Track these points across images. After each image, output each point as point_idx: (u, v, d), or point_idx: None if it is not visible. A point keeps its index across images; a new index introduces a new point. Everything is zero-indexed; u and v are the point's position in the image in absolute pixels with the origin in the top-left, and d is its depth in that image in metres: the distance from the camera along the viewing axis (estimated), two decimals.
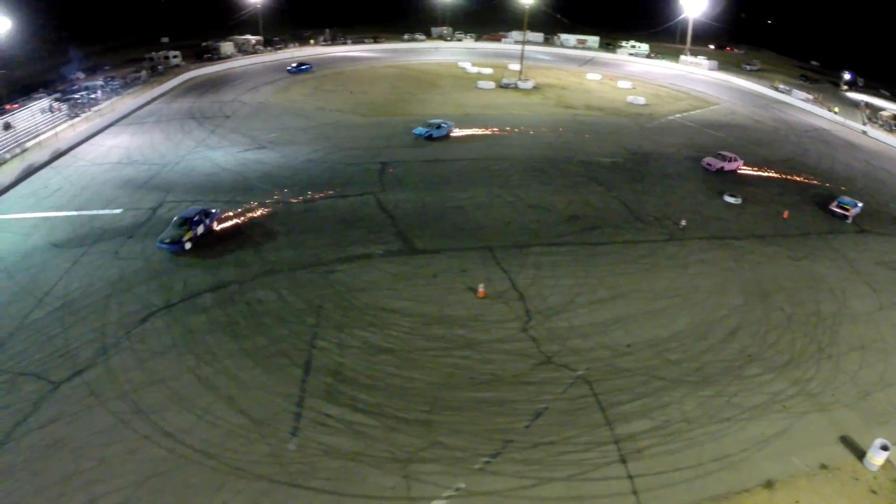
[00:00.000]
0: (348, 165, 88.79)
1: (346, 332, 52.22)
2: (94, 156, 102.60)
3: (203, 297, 58.39)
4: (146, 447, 42.00)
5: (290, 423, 43.24)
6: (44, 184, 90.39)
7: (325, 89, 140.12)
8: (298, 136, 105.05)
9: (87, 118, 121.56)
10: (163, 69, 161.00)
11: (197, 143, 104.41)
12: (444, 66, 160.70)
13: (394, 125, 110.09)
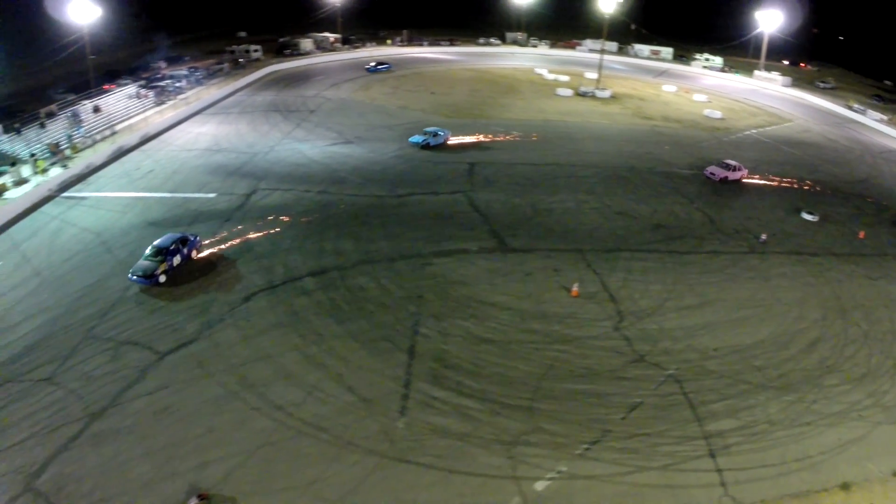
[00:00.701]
0: (436, 164, 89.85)
1: (447, 321, 53.17)
2: (183, 142, 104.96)
3: (304, 280, 59.88)
4: (256, 418, 43.35)
5: (398, 403, 44.40)
6: (135, 166, 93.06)
7: (406, 89, 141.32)
8: (384, 133, 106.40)
9: (173, 105, 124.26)
10: (244, 62, 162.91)
11: (284, 135, 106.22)
12: (521, 71, 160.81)
13: (477, 127, 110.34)
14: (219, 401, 45.20)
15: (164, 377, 47.78)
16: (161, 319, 54.78)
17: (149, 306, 56.59)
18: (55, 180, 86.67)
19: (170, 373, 48.23)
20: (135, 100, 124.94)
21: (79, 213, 77.09)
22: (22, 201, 79.90)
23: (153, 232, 68.74)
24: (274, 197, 79.78)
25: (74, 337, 52.62)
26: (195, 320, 54.16)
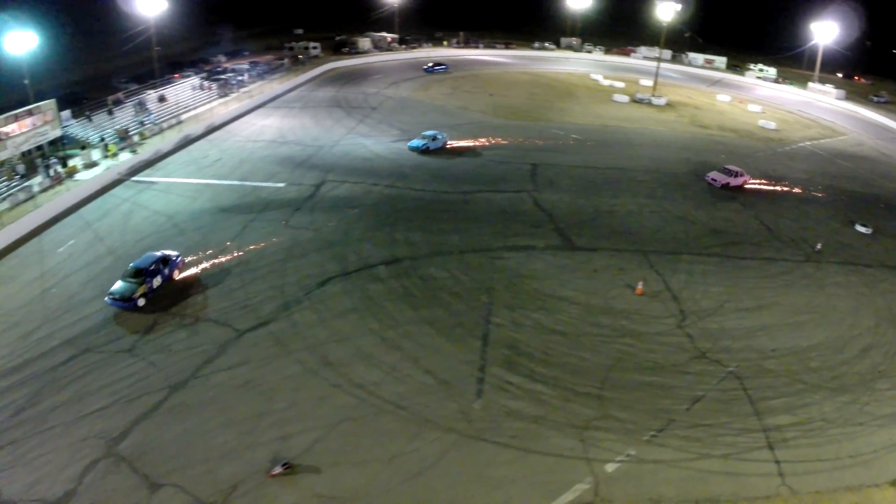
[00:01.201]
0: (499, 164, 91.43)
1: (518, 312, 54.82)
2: (248, 133, 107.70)
3: (378, 268, 61.91)
4: (336, 395, 45.32)
5: (474, 386, 46.07)
6: (202, 154, 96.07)
7: (464, 90, 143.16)
8: (446, 132, 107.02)
9: (236, 98, 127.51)
10: (304, 59, 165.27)
11: (348, 131, 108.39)
12: (576, 76, 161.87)
13: (537, 130, 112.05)
14: (299, 377, 47.12)
15: (244, 353, 49.89)
16: (238, 299, 57.04)
17: (227, 286, 59.09)
18: (125, 164, 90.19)
19: (249, 350, 50.31)
20: (198, 91, 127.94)
21: (149, 197, 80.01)
22: (92, 183, 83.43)
23: (225, 217, 72.29)
24: (343, 188, 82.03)
25: (152, 312, 54.81)
26: (272, 302, 56.26)
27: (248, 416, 43.45)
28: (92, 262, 64.05)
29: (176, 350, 50.45)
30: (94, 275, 61.16)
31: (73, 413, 44.11)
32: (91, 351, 50.58)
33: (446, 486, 37.56)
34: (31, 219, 73.07)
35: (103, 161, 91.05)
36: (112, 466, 39.65)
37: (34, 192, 78.70)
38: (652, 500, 37.40)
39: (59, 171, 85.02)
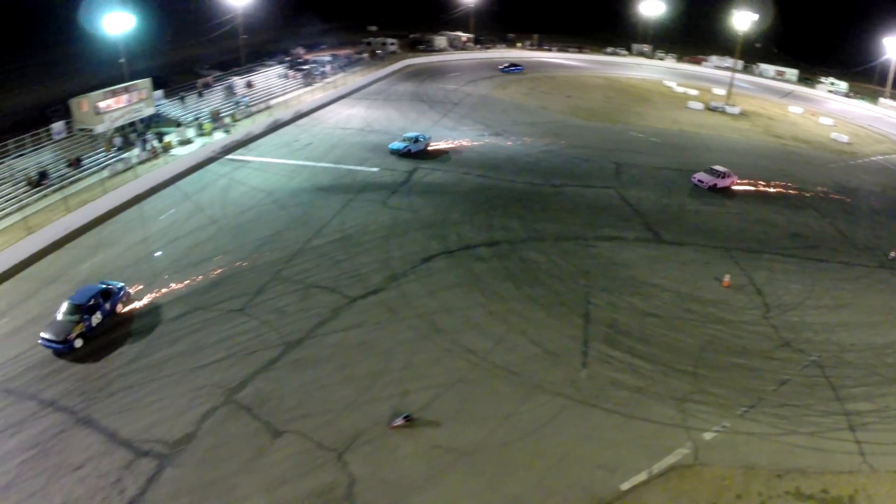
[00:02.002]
0: (584, 161, 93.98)
1: (614, 295, 57.33)
2: (335, 121, 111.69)
3: (478, 249, 64.95)
4: (450, 358, 48.23)
5: (579, 358, 48.71)
6: (293, 138, 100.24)
7: (541, 90, 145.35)
8: (529, 129, 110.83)
9: (320, 88, 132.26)
10: (382, 54, 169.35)
11: (433, 123, 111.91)
12: (650, 82, 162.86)
13: (617, 132, 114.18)
14: (412, 342, 50.16)
15: (357, 318, 53.11)
16: (346, 269, 60.68)
17: (333, 258, 62.74)
18: (218, 143, 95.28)
19: (362, 315, 53.54)
20: (283, 79, 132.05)
21: (246, 174, 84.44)
22: (188, 159, 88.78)
23: (323, 196, 76.71)
24: (435, 176, 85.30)
25: (262, 277, 58.85)
26: (379, 274, 59.68)
27: (365, 374, 46.43)
28: (195, 230, 68.34)
29: (289, 312, 53.75)
30: (199, 241, 65.63)
31: (188, 364, 47.64)
32: (202, 309, 54.26)
33: (558, 444, 40.11)
34: (131, 188, 78.39)
35: (198, 139, 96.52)
36: (231, 413, 42.85)
37: (132, 164, 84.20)
38: (746, 466, 39.69)
39: (155, 145, 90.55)
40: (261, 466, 38.36)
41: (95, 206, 73.15)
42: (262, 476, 37.65)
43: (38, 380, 45.77)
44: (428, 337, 50.46)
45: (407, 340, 50.01)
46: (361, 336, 50.71)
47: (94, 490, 36.19)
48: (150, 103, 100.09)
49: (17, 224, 67.25)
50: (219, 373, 46.50)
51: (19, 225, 66.86)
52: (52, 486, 36.53)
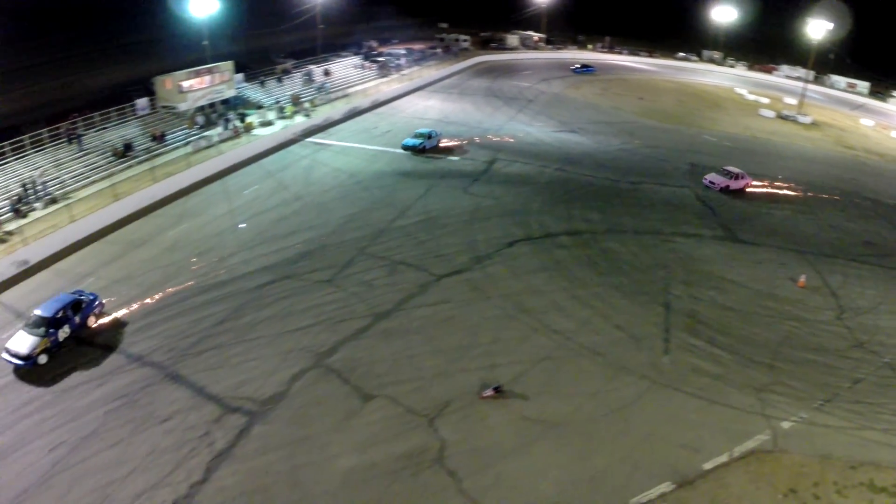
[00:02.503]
0: (659, 161, 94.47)
1: (693, 288, 58.15)
2: (412, 111, 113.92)
3: (560, 237, 66.18)
4: (536, 337, 49.48)
5: (661, 344, 49.69)
6: (372, 125, 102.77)
7: (613, 92, 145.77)
8: (604, 128, 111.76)
9: (397, 79, 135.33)
10: (454, 50, 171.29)
11: (509, 118, 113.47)
12: (721, 89, 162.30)
13: (690, 135, 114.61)
14: (499, 319, 51.52)
15: (444, 295, 54.72)
16: (431, 248, 62.55)
17: (418, 238, 64.78)
18: (299, 126, 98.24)
19: (448, 292, 55.12)
20: (359, 70, 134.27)
21: (327, 156, 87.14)
22: (270, 139, 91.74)
23: (406, 180, 79.03)
24: (515, 167, 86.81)
25: (348, 252, 60.80)
26: (464, 255, 61.34)
27: (454, 347, 47.87)
28: (279, 205, 70.75)
29: (376, 286, 55.57)
30: (283, 216, 68.08)
31: (277, 328, 49.35)
32: (290, 278, 56.30)
33: (643, 422, 41.24)
34: (215, 163, 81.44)
35: (278, 121, 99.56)
36: (321, 376, 44.44)
37: (214, 142, 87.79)
38: (822, 456, 40.36)
39: (237, 125, 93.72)
40: (352, 427, 39.72)
41: (180, 178, 76.30)
42: (354, 436, 38.98)
43: (124, 336, 47.47)
44: (514, 316, 51.65)
45: (494, 318, 51.27)
46: (448, 311, 52.14)
47: (181, 442, 37.34)
48: (232, 85, 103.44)
49: (105, 191, 70.24)
50: (308, 338, 48.06)
51: (107, 192, 69.76)
52: (137, 437, 37.74)
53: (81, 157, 78.54)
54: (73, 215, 64.55)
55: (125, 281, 55.55)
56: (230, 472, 35.92)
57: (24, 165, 73.24)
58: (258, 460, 37.02)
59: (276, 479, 35.78)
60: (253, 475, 36.00)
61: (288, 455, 37.53)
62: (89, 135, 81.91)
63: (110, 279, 55.32)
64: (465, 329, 49.92)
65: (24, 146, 75.36)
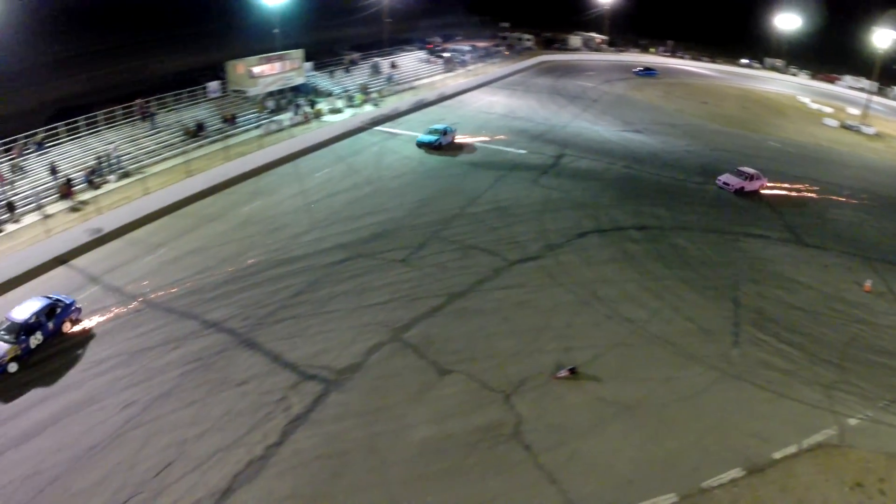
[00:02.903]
0: (725, 164, 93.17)
1: (761, 286, 58.54)
2: (478, 105, 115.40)
3: (629, 231, 66.87)
4: (609, 324, 50.46)
5: (730, 337, 50.27)
6: (439, 117, 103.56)
7: (677, 95, 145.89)
8: (669, 130, 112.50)
9: (462, 74, 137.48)
10: (518, 49, 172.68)
11: (574, 116, 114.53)
12: (783, 96, 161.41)
13: (755, 140, 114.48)
14: (573, 305, 52.58)
15: (517, 279, 55.86)
16: (503, 235, 63.72)
17: (490, 225, 66.34)
18: (367, 115, 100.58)
19: (522, 277, 56.27)
20: (425, 64, 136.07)
21: (396, 144, 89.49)
22: (339, 126, 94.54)
23: (475, 170, 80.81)
24: (582, 163, 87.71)
25: (421, 235, 62.33)
26: (536, 243, 62.55)
27: (528, 329, 48.91)
28: (351, 188, 72.82)
29: (450, 267, 56.99)
30: (356, 198, 70.21)
31: (353, 303, 50.81)
32: (364, 257, 58.06)
33: (714, 410, 42.02)
34: (286, 146, 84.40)
35: (347, 109, 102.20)
36: (398, 350, 45.71)
37: (284, 126, 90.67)
38: (888, 454, 40.66)
39: (307, 111, 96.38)
40: (428, 400, 40.89)
41: (252, 158, 78.92)
42: (430, 408, 40.13)
43: (199, 303, 49.08)
44: (588, 303, 52.75)
45: (567, 304, 52.35)
46: (523, 295, 53.20)
47: (257, 405, 38.49)
48: (301, 73, 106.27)
49: (179, 167, 73.32)
50: (384, 313, 49.17)
51: (180, 168, 72.86)
52: (212, 398, 39.02)
53: (153, 134, 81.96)
54: (146, 188, 67.29)
55: (199, 252, 57.49)
56: (306, 436, 36.99)
57: (97, 140, 76.49)
58: (334, 426, 38.14)
59: (352, 446, 36.89)
60: (329, 440, 37.16)
61: (364, 423, 38.68)
62: (161, 114, 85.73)
63: (183, 250, 57.43)
64: (539, 312, 50.91)
65: (98, 122, 78.73)
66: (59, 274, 53.31)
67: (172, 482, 32.80)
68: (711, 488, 35.89)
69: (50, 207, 62.56)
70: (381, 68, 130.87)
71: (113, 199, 64.97)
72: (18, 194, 63.15)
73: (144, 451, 34.79)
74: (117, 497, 31.86)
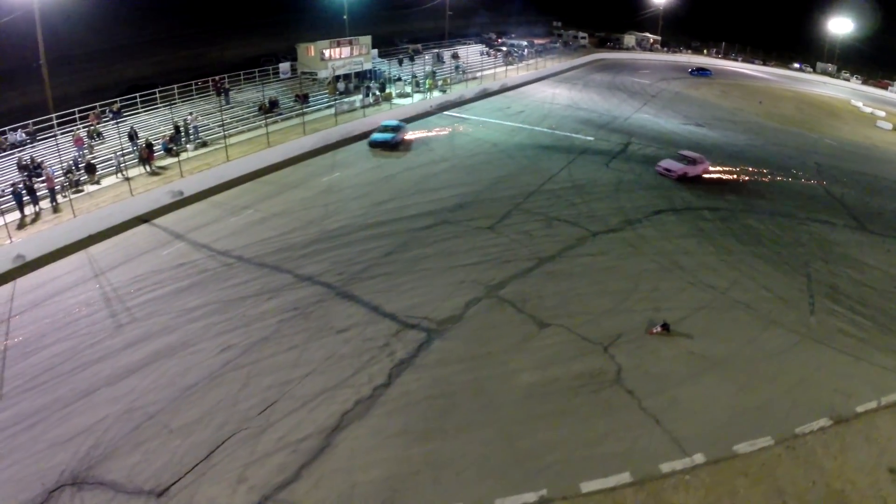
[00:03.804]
0: (786, 157, 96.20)
1: (830, 265, 60.32)
2: (541, 97, 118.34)
3: (702, 211, 68.85)
4: (692, 289, 52.56)
5: (807, 307, 52.25)
6: (505, 105, 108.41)
7: (733, 95, 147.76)
8: (728, 125, 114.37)
9: (522, 68, 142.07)
10: (573, 46, 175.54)
11: (635, 110, 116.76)
12: (836, 100, 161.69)
13: (813, 138, 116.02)
14: (656, 272, 54.67)
15: (601, 248, 58.29)
16: (581, 210, 66.31)
17: (569, 200, 69.02)
18: (435, 100, 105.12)
19: (605, 246, 58.72)
20: (484, 56, 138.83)
21: (467, 128, 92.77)
22: (410, 108, 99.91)
23: (547, 153, 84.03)
24: (649, 150, 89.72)
25: (503, 207, 64.71)
26: (615, 217, 65.12)
27: (618, 291, 50.98)
28: (428, 164, 76.10)
29: (536, 236, 59.37)
30: (434, 172, 73.51)
31: (444, 263, 52.95)
32: (449, 224, 60.44)
33: (797, 367, 43.95)
34: (360, 124, 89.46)
35: (415, 94, 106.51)
36: (495, 305, 47.59)
37: (356, 107, 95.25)
38: None
39: (377, 94, 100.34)
40: (530, 348, 42.82)
41: (327, 133, 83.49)
42: (533, 356, 42.03)
43: (290, 260, 50.99)
44: (670, 270, 54.88)
45: (651, 271, 54.49)
46: (608, 262, 55.52)
47: (360, 350, 39.49)
48: (369, 59, 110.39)
49: (257, 139, 78.27)
50: (476, 273, 51.51)
51: (258, 140, 77.64)
52: (313, 343, 39.99)
53: (228, 109, 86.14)
54: (227, 156, 71.21)
55: (284, 215, 60.32)
56: (413, 379, 37.69)
57: (173, 113, 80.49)
58: (440, 370, 39.83)
59: (459, 388, 38.46)
60: (436, 383, 38.68)
61: (469, 368, 40.30)
62: (234, 91, 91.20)
63: (268, 213, 60.35)
64: (625, 277, 52.99)
65: (173, 96, 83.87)
66: (142, 231, 56.51)
67: (278, 420, 33.61)
68: (804, 434, 37.71)
69: (130, 171, 65.90)
70: (444, 59, 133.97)
71: (193, 165, 68.68)
72: (96, 159, 66.10)
73: (246, 391, 35.66)
74: (220, 433, 32.56)
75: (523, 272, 52.77)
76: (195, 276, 48.03)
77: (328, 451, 31.70)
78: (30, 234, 52.77)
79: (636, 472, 32.94)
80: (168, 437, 32.02)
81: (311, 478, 29.84)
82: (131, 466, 29.93)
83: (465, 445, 33.79)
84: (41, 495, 28.15)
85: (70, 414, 33.44)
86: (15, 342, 39.83)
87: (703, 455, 34.63)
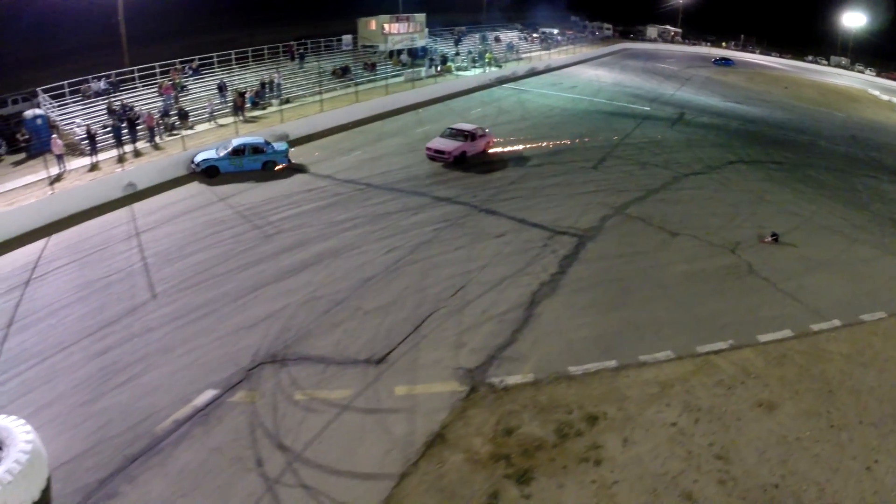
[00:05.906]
0: (824, 129, 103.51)
1: (888, 206, 65.89)
2: (587, 76, 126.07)
3: (767, 164, 75.84)
4: (783, 216, 56.53)
5: (878, 231, 58.59)
6: (557, 81, 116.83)
7: (758, 81, 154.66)
8: (763, 104, 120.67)
9: (559, 52, 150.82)
10: (600, 36, 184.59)
11: (675, 89, 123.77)
12: (854, 89, 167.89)
13: (841, 117, 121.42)
14: (750, 203, 58.64)
15: (696, 184, 64.06)
16: (667, 159, 72.83)
17: (652, 151, 75.36)
18: (492, 74, 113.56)
19: (699, 182, 64.59)
20: (523, 41, 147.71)
21: (530, 97, 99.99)
22: (471, 79, 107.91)
23: (612, 118, 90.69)
24: (703, 118, 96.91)
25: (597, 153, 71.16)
26: (696, 164, 71.97)
27: (724, 213, 55.24)
28: (511, 122, 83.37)
29: (636, 175, 64.37)
30: (519, 128, 79.58)
31: (565, 191, 57.68)
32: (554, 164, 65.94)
33: (888, 268, 50.76)
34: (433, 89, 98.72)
35: (472, 69, 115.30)
36: (626, 220, 51.02)
37: (422, 77, 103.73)
38: None
39: (439, 67, 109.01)
40: (671, 249, 45.98)
41: (406, 95, 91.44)
42: (677, 254, 45.31)
43: (420, 186, 55.08)
44: (759, 201, 60.53)
45: (745, 201, 59.91)
46: (707, 194, 61.17)
47: (522, 249, 43.16)
48: (423, 36, 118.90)
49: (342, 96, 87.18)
50: (598, 198, 54.55)
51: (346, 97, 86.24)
52: (477, 245, 43.61)
53: (303, 73, 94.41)
54: (322, 107, 76.14)
55: (394, 154, 65.00)
56: (583, 269, 41.44)
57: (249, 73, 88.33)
58: (603, 263, 42.64)
59: (627, 274, 41.48)
60: (604, 271, 41.73)
61: (628, 261, 43.26)
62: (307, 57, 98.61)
63: (378, 153, 64.78)
64: (726, 205, 58.37)
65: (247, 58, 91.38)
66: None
67: (472, 299, 36.44)
68: None
69: (220, 121, 70.01)
70: (489, 39, 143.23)
71: (288, 115, 72.24)
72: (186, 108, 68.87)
73: (428, 280, 38.18)
74: (419, 311, 34.99)
75: (637, 199, 55.44)
76: (330, 198, 51.13)
77: (532, 319, 35.11)
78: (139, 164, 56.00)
79: (795, 329, 39.36)
80: (364, 317, 34.14)
81: (527, 340, 32.91)
82: (335, 343, 31.76)
83: (652, 313, 36.81)
84: (238, 374, 29.15)
85: (243, 306, 35.02)
86: (154, 252, 41.24)
87: (839, 321, 40.81)
